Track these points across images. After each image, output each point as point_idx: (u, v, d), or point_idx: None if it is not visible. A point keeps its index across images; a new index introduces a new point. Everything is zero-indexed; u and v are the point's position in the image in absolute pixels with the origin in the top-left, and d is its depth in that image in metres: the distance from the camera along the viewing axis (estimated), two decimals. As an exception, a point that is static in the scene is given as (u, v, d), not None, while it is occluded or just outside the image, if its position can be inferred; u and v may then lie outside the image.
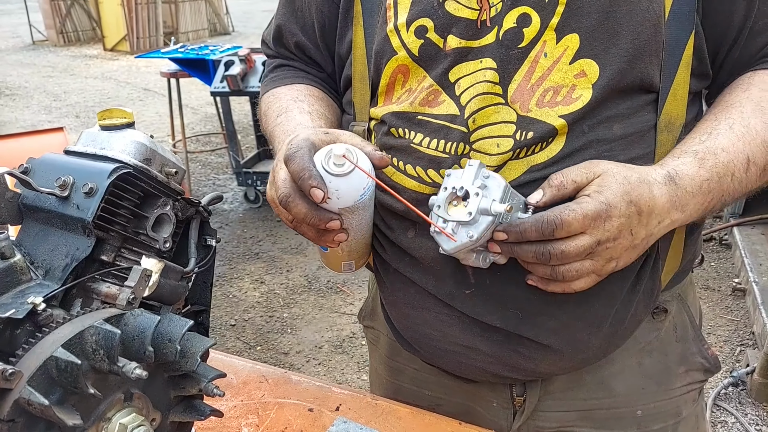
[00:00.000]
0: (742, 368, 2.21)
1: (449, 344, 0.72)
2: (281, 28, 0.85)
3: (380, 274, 0.77)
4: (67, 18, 11.43)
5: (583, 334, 0.69)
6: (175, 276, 0.60)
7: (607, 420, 0.78)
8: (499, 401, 0.80)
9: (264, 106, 0.84)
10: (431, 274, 0.69)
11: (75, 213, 0.54)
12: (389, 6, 0.68)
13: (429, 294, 0.71)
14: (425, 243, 0.68)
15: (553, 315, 0.68)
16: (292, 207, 0.60)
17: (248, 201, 4.09)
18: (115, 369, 0.47)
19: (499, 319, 0.68)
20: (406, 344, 0.79)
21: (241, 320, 2.76)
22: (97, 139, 0.59)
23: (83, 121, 6.42)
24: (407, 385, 0.86)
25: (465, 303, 0.68)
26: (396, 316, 0.77)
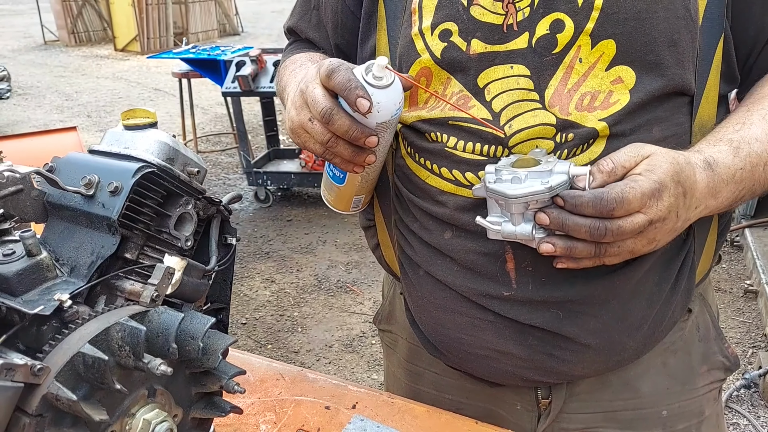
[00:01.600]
0: (754, 370, 2.19)
1: (480, 348, 0.71)
2: (293, 28, 0.89)
3: (408, 278, 0.76)
4: (79, 18, 11.51)
5: (622, 336, 0.69)
6: (196, 274, 0.61)
7: (632, 421, 0.78)
8: (523, 404, 0.79)
9: (280, 70, 0.85)
10: (468, 276, 0.68)
11: (100, 211, 0.55)
12: (414, 10, 0.67)
13: (463, 297, 0.70)
14: (464, 244, 0.68)
15: (596, 315, 0.68)
16: (336, 120, 0.59)
17: (258, 200, 4.10)
18: (141, 365, 0.48)
19: (540, 318, 0.67)
20: (431, 348, 0.78)
21: (252, 319, 2.77)
22: (121, 139, 0.60)
23: (95, 120, 6.47)
24: (427, 389, 0.85)
25: (503, 305, 0.68)
26: (424, 320, 0.76)
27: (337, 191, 0.73)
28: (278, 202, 4.15)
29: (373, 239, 0.84)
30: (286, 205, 4.13)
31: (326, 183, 0.75)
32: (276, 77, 0.87)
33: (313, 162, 3.94)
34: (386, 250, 0.81)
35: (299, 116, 0.63)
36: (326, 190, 0.76)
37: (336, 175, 0.72)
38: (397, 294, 0.88)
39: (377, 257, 0.86)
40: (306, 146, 0.64)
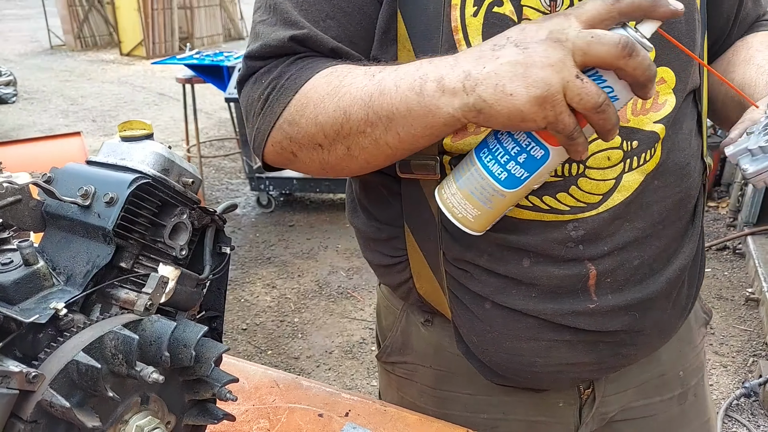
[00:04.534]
0: (754, 379, 2.19)
1: (552, 366, 0.71)
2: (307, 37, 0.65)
3: (469, 311, 0.72)
4: (85, 23, 11.60)
5: (674, 318, 0.75)
6: (190, 283, 0.62)
7: (657, 388, 0.82)
8: (565, 400, 0.79)
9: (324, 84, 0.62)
10: (548, 299, 0.68)
11: (96, 221, 0.56)
12: (456, 29, 0.62)
13: (540, 321, 0.69)
14: (545, 269, 0.67)
15: (660, 307, 0.72)
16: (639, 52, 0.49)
17: (261, 206, 4.12)
18: (133, 373, 0.49)
19: (619, 323, 0.69)
20: (490, 373, 0.76)
21: (253, 324, 2.78)
22: (118, 150, 0.61)
23: (100, 125, 6.51)
24: (459, 413, 0.82)
25: (588, 319, 0.68)
26: (491, 351, 0.73)
27: (496, 202, 0.59)
28: (280, 208, 4.17)
29: (400, 275, 0.78)
30: (288, 210, 4.15)
31: (480, 194, 0.59)
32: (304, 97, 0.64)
33: (315, 167, 3.97)
34: (423, 284, 0.76)
35: (561, 73, 0.48)
36: (469, 204, 0.60)
37: (514, 177, 0.57)
38: (412, 323, 0.83)
39: (401, 292, 0.80)
40: (558, 119, 0.50)
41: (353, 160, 0.62)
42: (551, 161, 0.56)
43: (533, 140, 0.55)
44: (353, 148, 0.61)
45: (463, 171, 0.59)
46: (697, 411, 0.87)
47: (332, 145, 0.62)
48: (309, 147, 0.64)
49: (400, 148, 0.60)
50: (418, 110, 0.55)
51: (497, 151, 0.57)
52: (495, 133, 0.57)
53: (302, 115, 0.62)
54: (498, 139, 0.57)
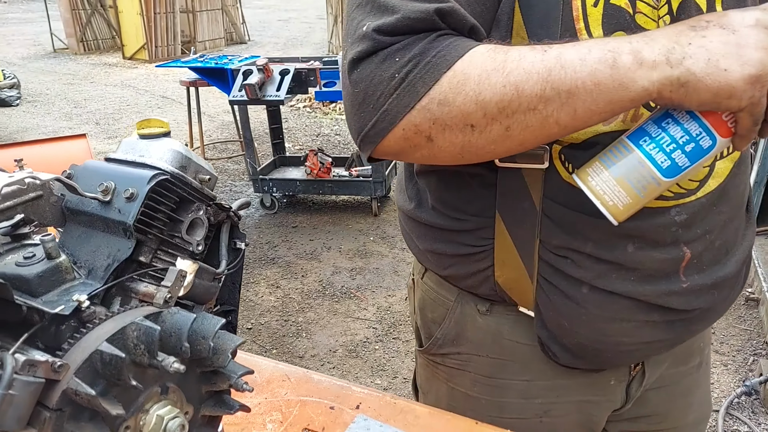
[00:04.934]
0: (755, 377, 2.20)
1: (634, 345, 0.76)
2: (452, 11, 0.61)
3: (563, 295, 0.74)
4: (88, 27, 11.64)
5: (735, 297, 0.80)
6: (207, 277, 0.64)
7: (684, 357, 0.88)
8: (617, 378, 0.83)
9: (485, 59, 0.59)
10: (645, 282, 0.71)
11: (117, 216, 0.57)
12: (577, 18, 0.63)
13: (635, 303, 0.72)
14: (647, 254, 0.70)
15: (733, 285, 0.77)
16: None
17: (264, 207, 4.14)
18: (155, 363, 0.50)
19: (702, 302, 0.74)
20: (566, 356, 0.78)
21: (258, 324, 2.79)
22: (137, 147, 0.63)
23: (103, 127, 6.53)
24: (513, 400, 0.84)
25: (679, 298, 0.72)
26: (581, 332, 0.75)
27: (650, 191, 0.59)
28: (284, 209, 4.19)
29: (478, 264, 0.78)
30: (292, 211, 4.16)
31: (636, 181, 0.59)
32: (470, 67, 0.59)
33: (318, 169, 3.98)
34: (505, 272, 0.76)
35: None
36: (623, 191, 0.60)
37: (676, 166, 0.58)
38: (467, 313, 0.84)
39: (472, 281, 0.80)
40: (760, 101, 0.53)
41: (507, 141, 0.60)
42: (714, 152, 0.57)
43: (704, 129, 0.56)
44: (514, 127, 0.58)
45: (616, 158, 0.59)
46: (705, 377, 0.95)
47: (489, 125, 0.59)
48: (457, 128, 0.60)
49: (569, 127, 0.58)
50: (609, 84, 0.54)
51: (662, 139, 0.57)
52: (658, 122, 0.58)
53: (459, 93, 0.58)
54: (663, 128, 0.57)
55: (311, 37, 14.27)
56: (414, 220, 0.84)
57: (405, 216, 0.87)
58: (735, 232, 0.76)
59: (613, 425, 0.89)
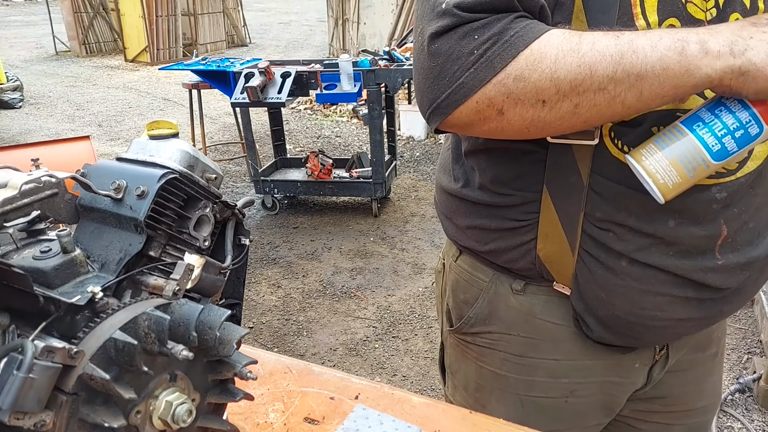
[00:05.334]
0: (748, 375, 2.23)
1: (667, 320, 0.79)
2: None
3: (604, 267, 0.78)
4: (90, 30, 11.69)
5: (762, 283, 0.83)
6: (213, 271, 0.67)
7: (703, 345, 0.92)
8: (641, 360, 0.87)
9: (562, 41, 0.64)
10: (684, 257, 0.75)
11: (128, 213, 0.60)
12: (635, 3, 0.67)
13: (672, 277, 0.76)
14: (687, 230, 0.74)
15: (762, 268, 0.80)
16: None
17: (266, 208, 4.17)
18: (165, 350, 0.53)
19: (734, 281, 0.77)
20: (600, 329, 0.82)
21: (259, 323, 2.82)
22: (147, 148, 0.66)
23: (105, 129, 6.57)
24: (541, 378, 0.88)
25: (714, 275, 0.76)
26: (618, 305, 0.79)
27: (699, 172, 0.64)
28: (285, 210, 4.22)
29: (521, 237, 0.82)
30: (293, 212, 4.19)
31: (688, 162, 0.64)
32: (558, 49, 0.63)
33: (318, 171, 4.01)
34: (547, 244, 0.80)
35: None
36: (675, 171, 0.65)
37: (725, 150, 0.63)
38: (500, 293, 0.87)
39: (512, 255, 0.84)
40: None
41: (573, 118, 0.64)
42: (760, 139, 0.63)
43: (753, 118, 0.61)
44: (583, 105, 0.63)
45: (671, 141, 0.64)
46: (719, 366, 0.99)
47: (559, 102, 0.63)
48: (529, 103, 0.64)
49: (632, 108, 0.63)
50: (676, 69, 0.59)
51: (714, 125, 0.62)
52: (711, 109, 0.63)
53: (535, 70, 0.63)
54: (716, 114, 0.63)
55: (312, 39, 14.31)
56: (459, 198, 0.87)
57: (448, 195, 0.90)
58: (767, 216, 0.80)
59: (628, 404, 0.93)
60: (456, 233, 0.91)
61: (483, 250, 0.87)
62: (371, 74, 3.56)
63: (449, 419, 0.77)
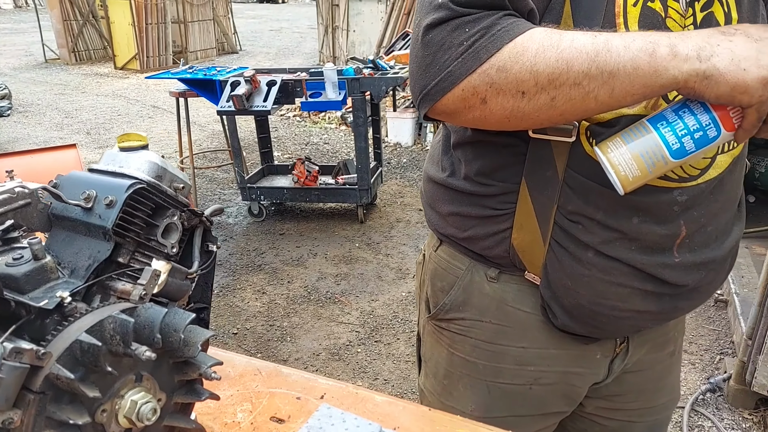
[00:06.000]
0: (719, 375, 2.29)
1: (626, 312, 0.83)
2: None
3: (571, 257, 0.82)
4: (79, 37, 11.67)
5: (719, 284, 0.89)
6: (180, 276, 0.70)
7: (661, 344, 0.97)
8: (602, 352, 0.92)
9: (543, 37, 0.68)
10: (644, 252, 0.80)
11: (97, 221, 0.63)
12: (618, 14, 0.72)
13: (632, 270, 0.80)
14: (650, 227, 0.79)
15: (718, 269, 0.85)
16: None
17: (252, 215, 4.19)
18: (129, 351, 0.56)
19: (690, 278, 0.82)
20: (564, 317, 0.86)
21: (243, 329, 2.84)
22: (117, 159, 0.69)
23: (94, 137, 6.56)
24: (508, 366, 0.92)
25: (671, 271, 0.81)
26: (582, 293, 0.83)
27: (657, 168, 0.68)
28: (271, 217, 4.24)
29: (499, 225, 0.86)
30: (279, 219, 4.21)
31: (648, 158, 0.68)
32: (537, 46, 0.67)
33: (305, 178, 4.04)
34: (522, 234, 0.85)
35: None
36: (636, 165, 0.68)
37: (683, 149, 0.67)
38: (475, 281, 0.92)
39: (488, 243, 0.88)
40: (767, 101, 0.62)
41: (550, 111, 0.68)
42: (717, 142, 0.67)
43: (713, 121, 0.66)
44: (559, 98, 0.67)
45: (635, 136, 0.68)
46: (677, 365, 1.05)
47: (537, 94, 0.67)
48: (509, 94, 0.68)
49: (604, 104, 0.67)
50: (646, 69, 0.63)
51: (676, 125, 0.66)
52: (675, 110, 0.67)
53: (516, 62, 0.67)
54: (679, 115, 0.67)
55: (302, 46, 14.36)
56: (444, 186, 0.92)
57: (434, 184, 0.95)
58: (725, 223, 0.85)
59: (592, 401, 0.99)
60: (438, 221, 0.96)
61: (462, 236, 0.91)
62: (356, 82, 3.60)
63: (409, 416, 0.81)
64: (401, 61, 5.26)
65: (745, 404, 2.17)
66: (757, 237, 2.81)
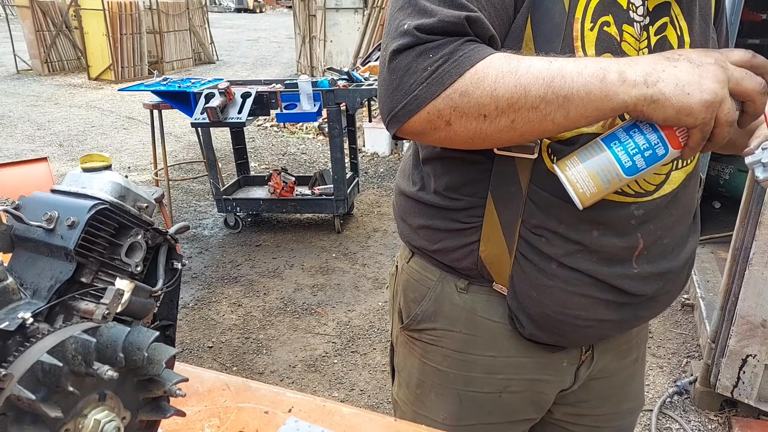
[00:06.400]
0: (686, 378, 2.35)
1: (589, 321, 0.87)
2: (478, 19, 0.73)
3: (536, 268, 0.86)
4: (52, 48, 11.51)
5: (676, 294, 0.93)
6: (144, 294, 0.70)
7: (625, 352, 1.01)
8: (569, 360, 0.95)
9: (502, 63, 0.71)
10: (604, 264, 0.83)
11: (59, 242, 0.63)
12: (576, 38, 0.76)
13: (593, 280, 0.84)
14: (609, 240, 0.83)
15: (675, 280, 0.90)
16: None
17: (228, 227, 4.17)
18: (91, 371, 0.57)
19: (649, 288, 0.86)
20: (530, 326, 0.89)
21: (218, 342, 2.82)
22: (79, 180, 0.70)
23: (66, 149, 6.47)
24: (478, 375, 0.95)
25: (630, 282, 0.85)
26: (546, 303, 0.87)
27: (612, 184, 0.73)
28: (247, 228, 4.23)
29: (467, 238, 0.89)
30: (255, 230, 4.20)
31: (603, 175, 0.72)
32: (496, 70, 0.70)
33: (281, 189, 4.04)
34: (489, 246, 0.88)
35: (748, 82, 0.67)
36: (592, 182, 0.73)
37: (635, 166, 0.71)
38: (446, 292, 0.94)
39: (457, 255, 0.91)
40: (709, 122, 0.66)
41: (511, 132, 0.72)
42: (665, 160, 0.71)
43: (661, 140, 0.70)
44: (518, 121, 0.70)
45: (590, 155, 0.72)
46: (641, 371, 1.09)
47: (498, 117, 0.71)
48: (472, 117, 0.71)
49: (561, 126, 0.71)
50: (597, 94, 0.67)
51: (628, 144, 0.71)
52: (626, 130, 0.72)
53: (477, 87, 0.70)
54: (630, 135, 0.71)
55: (280, 56, 14.35)
56: (415, 200, 0.95)
57: (405, 198, 0.98)
58: (681, 235, 0.89)
59: (559, 408, 1.02)
60: (409, 234, 0.98)
61: (432, 249, 0.94)
62: (330, 94, 3.62)
63: (375, 427, 0.82)
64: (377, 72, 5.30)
65: (711, 406, 2.23)
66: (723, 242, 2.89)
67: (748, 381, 2.08)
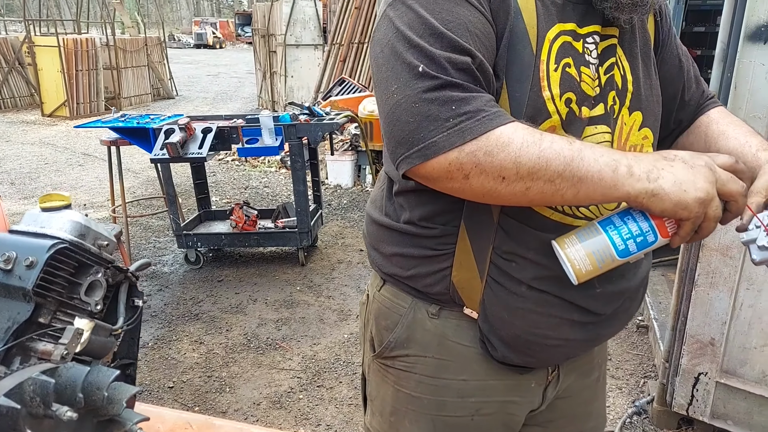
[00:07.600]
0: (643, 398, 2.41)
1: (557, 340, 0.92)
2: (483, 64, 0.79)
3: (506, 291, 0.90)
4: (4, 84, 11.25)
5: (634, 312, 1.00)
6: (104, 333, 0.70)
7: (587, 371, 1.07)
8: (537, 381, 0.99)
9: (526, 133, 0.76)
10: (569, 286, 0.85)
11: (17, 283, 0.63)
12: (542, 77, 0.83)
13: (560, 301, 0.90)
14: None
15: (634, 298, 0.97)
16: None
17: (189, 262, 4.10)
18: (50, 413, 0.56)
19: (611, 307, 0.93)
20: (502, 347, 0.93)
21: (180, 382, 2.74)
22: (38, 219, 0.70)
23: (18, 188, 6.28)
24: (451, 399, 0.98)
25: (594, 301, 0.91)
26: (517, 324, 0.91)
27: (606, 264, 0.80)
28: (209, 263, 4.16)
29: (440, 264, 0.93)
30: (217, 265, 4.14)
31: (599, 256, 0.79)
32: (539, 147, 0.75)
33: (243, 223, 4.01)
34: (461, 271, 0.92)
35: (730, 185, 0.76)
36: (588, 261, 0.79)
37: (627, 250, 0.78)
38: (418, 318, 0.97)
39: (429, 281, 0.94)
40: (699, 217, 0.75)
41: (521, 197, 0.77)
42: (653, 246, 0.79)
43: (652, 229, 0.78)
44: (533, 189, 0.76)
45: (588, 236, 0.80)
46: (602, 390, 1.15)
47: (515, 182, 0.75)
48: (491, 177, 0.75)
49: (566, 201, 0.78)
50: (608, 182, 0.75)
51: (622, 229, 0.78)
52: (621, 216, 0.79)
53: (502, 150, 0.74)
54: (624, 221, 0.79)
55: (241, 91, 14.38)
56: (387, 228, 0.99)
57: (378, 226, 1.01)
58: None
59: (529, 428, 1.05)
60: (382, 261, 1.01)
61: (405, 275, 0.97)
62: (292, 128, 3.66)
63: (339, 460, 0.83)
64: (338, 106, 5.38)
65: (669, 425, 2.28)
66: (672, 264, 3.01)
67: (702, 398, 2.15)
